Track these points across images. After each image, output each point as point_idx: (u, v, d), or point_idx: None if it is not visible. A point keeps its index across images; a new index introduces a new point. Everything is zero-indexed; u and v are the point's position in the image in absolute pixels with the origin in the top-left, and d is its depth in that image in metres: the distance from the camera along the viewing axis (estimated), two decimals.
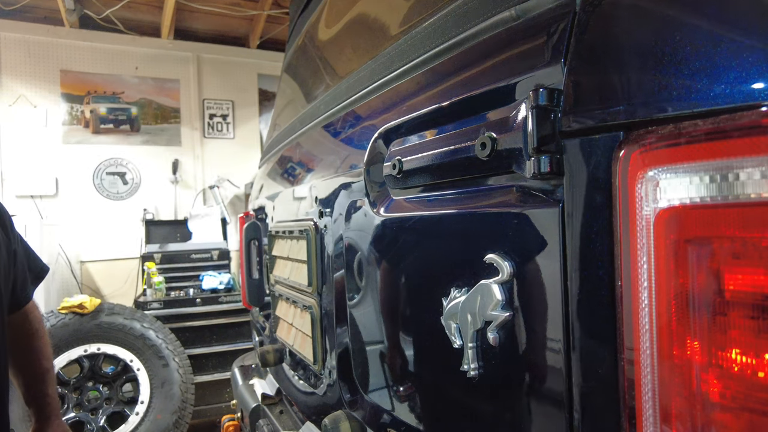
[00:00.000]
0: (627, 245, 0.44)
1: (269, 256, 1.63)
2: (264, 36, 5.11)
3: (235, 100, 5.20)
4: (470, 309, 0.62)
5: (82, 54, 4.58)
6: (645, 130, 0.43)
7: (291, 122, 1.69)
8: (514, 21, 0.63)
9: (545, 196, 0.54)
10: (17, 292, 1.44)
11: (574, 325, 0.49)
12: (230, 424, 1.85)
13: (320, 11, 1.67)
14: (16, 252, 1.43)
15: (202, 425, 3.59)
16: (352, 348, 0.99)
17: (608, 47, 0.48)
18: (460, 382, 0.66)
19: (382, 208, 0.87)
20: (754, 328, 0.38)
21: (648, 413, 0.43)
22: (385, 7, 1.19)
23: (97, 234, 4.57)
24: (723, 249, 0.39)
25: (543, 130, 0.51)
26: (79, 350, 3.13)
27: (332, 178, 1.11)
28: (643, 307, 0.43)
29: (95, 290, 4.54)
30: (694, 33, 0.41)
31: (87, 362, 3.17)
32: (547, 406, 0.54)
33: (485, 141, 0.59)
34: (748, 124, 0.37)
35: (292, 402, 1.52)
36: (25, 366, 1.51)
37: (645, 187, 0.43)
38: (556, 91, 0.51)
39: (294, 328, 1.38)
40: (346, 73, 1.25)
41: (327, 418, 0.98)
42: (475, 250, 0.62)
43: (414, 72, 0.87)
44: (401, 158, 0.78)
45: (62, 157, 4.50)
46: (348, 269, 0.98)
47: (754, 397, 0.38)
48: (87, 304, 3.14)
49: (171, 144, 4.92)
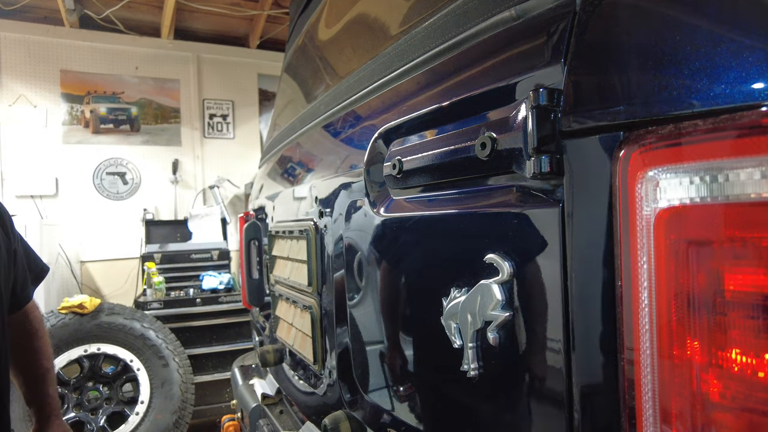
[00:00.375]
0: (627, 245, 0.44)
1: (269, 256, 1.63)
2: (264, 36, 5.11)
3: (235, 100, 5.20)
4: (470, 309, 0.62)
5: (82, 54, 4.58)
6: (645, 130, 0.43)
7: (291, 122, 1.69)
8: (514, 21, 0.63)
9: (545, 196, 0.54)
10: (17, 292, 1.44)
11: (574, 325, 0.49)
12: (230, 424, 1.85)
13: (320, 11, 1.67)
14: (16, 252, 1.43)
15: (202, 425, 3.59)
16: (352, 348, 0.99)
17: (608, 47, 0.48)
18: (460, 382, 0.66)
19: (382, 208, 0.87)
20: (754, 328, 0.38)
21: (648, 413, 0.43)
22: (385, 7, 1.19)
23: (97, 234, 4.57)
24: (723, 249, 0.39)
25: (543, 130, 0.51)
26: (79, 350, 3.13)
27: (332, 178, 1.11)
28: (643, 307, 0.43)
29: (95, 290, 4.54)
30: (694, 33, 0.41)
31: (87, 362, 3.17)
32: (547, 406, 0.54)
33: (485, 141, 0.59)
34: (748, 124, 0.37)
35: (292, 402, 1.52)
36: (25, 366, 1.51)
37: (645, 187, 0.43)
38: (556, 91, 0.51)
39: (294, 328, 1.38)
40: (346, 73, 1.25)
41: (327, 418, 0.98)
42: (475, 250, 0.62)
43: (414, 72, 0.87)
44: (401, 158, 0.78)
45: (62, 157, 4.50)
46: (348, 269, 0.98)
47: (754, 397, 0.38)
48: (87, 304, 3.14)
49: (171, 144, 4.93)
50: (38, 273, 1.58)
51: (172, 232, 4.56)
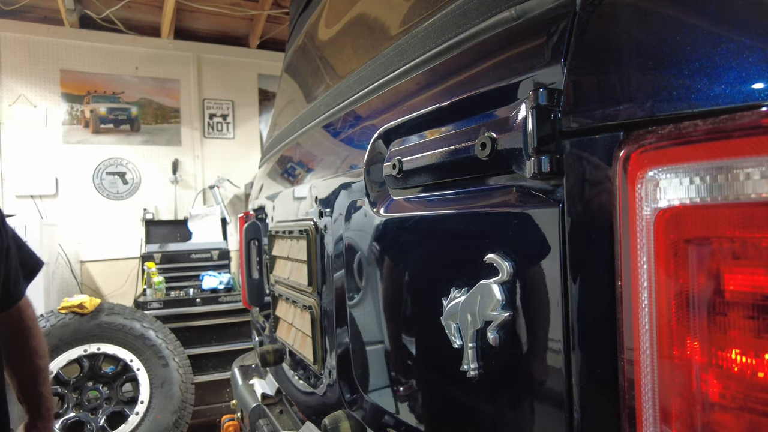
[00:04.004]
0: (627, 245, 0.44)
1: (269, 256, 1.63)
2: (264, 36, 5.11)
3: (235, 100, 5.20)
4: (470, 309, 0.62)
5: (82, 54, 4.58)
6: (645, 130, 0.43)
7: (291, 122, 1.69)
8: (514, 21, 0.63)
9: (545, 196, 0.54)
10: (9, 288, 1.42)
11: (574, 325, 0.49)
12: (230, 424, 1.85)
13: (320, 11, 1.67)
14: (9, 248, 1.41)
15: (202, 425, 3.59)
16: (352, 348, 0.99)
17: (608, 47, 0.48)
18: (460, 383, 0.66)
19: (382, 208, 0.87)
20: (754, 328, 0.38)
21: (648, 413, 0.43)
22: (385, 7, 1.19)
23: (97, 234, 4.57)
24: (723, 249, 0.39)
25: (543, 130, 0.51)
26: (79, 350, 3.13)
27: (332, 178, 1.11)
28: (643, 307, 0.43)
29: (95, 290, 4.54)
30: (694, 33, 0.41)
31: (87, 362, 3.17)
32: (547, 406, 0.54)
33: (485, 141, 0.59)
34: (748, 124, 0.37)
35: (292, 402, 1.52)
36: (18, 364, 1.49)
37: (645, 187, 0.43)
38: (556, 91, 0.51)
39: (294, 328, 1.38)
40: (346, 73, 1.25)
41: (327, 418, 0.98)
42: (475, 250, 0.62)
43: (414, 72, 0.87)
44: (401, 158, 0.78)
45: (62, 157, 4.50)
46: (348, 269, 0.98)
47: (754, 397, 0.38)
48: (87, 304, 3.14)
49: (171, 144, 4.92)
50: (32, 268, 1.56)
51: (172, 232, 4.55)
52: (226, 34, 5.12)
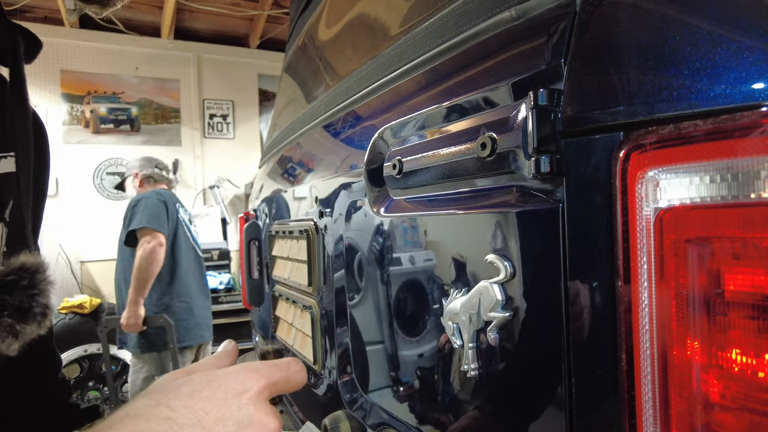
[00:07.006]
0: (627, 245, 0.44)
1: (269, 256, 1.63)
2: (264, 36, 5.11)
3: (235, 100, 5.20)
4: (470, 309, 0.62)
5: (82, 54, 4.58)
6: (645, 130, 0.43)
7: (291, 122, 1.69)
8: (514, 21, 0.63)
9: (545, 196, 0.54)
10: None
11: (573, 325, 0.49)
12: None
13: (320, 11, 1.67)
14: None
15: None
16: (352, 348, 0.99)
17: (608, 47, 0.48)
18: (460, 383, 0.66)
19: (382, 208, 0.87)
20: (754, 328, 0.38)
21: (648, 413, 0.43)
22: (385, 7, 1.19)
23: (97, 234, 4.57)
24: (723, 249, 0.39)
25: (543, 130, 0.51)
26: (79, 350, 3.14)
27: (332, 178, 1.11)
28: (643, 307, 0.43)
29: (95, 290, 4.54)
30: (694, 33, 0.41)
31: (87, 362, 3.17)
32: (547, 406, 0.54)
33: (485, 141, 0.59)
34: (748, 124, 0.37)
35: (292, 402, 1.52)
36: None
37: (645, 187, 0.43)
38: (556, 91, 0.51)
39: (294, 328, 1.38)
40: (346, 73, 1.25)
41: (327, 418, 0.98)
42: (475, 250, 0.62)
43: (414, 72, 0.87)
44: (401, 158, 0.78)
45: (62, 157, 4.50)
46: (348, 269, 0.98)
47: (754, 397, 0.38)
48: (87, 304, 3.14)
49: (171, 144, 4.93)
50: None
51: None
52: (226, 34, 5.12)
